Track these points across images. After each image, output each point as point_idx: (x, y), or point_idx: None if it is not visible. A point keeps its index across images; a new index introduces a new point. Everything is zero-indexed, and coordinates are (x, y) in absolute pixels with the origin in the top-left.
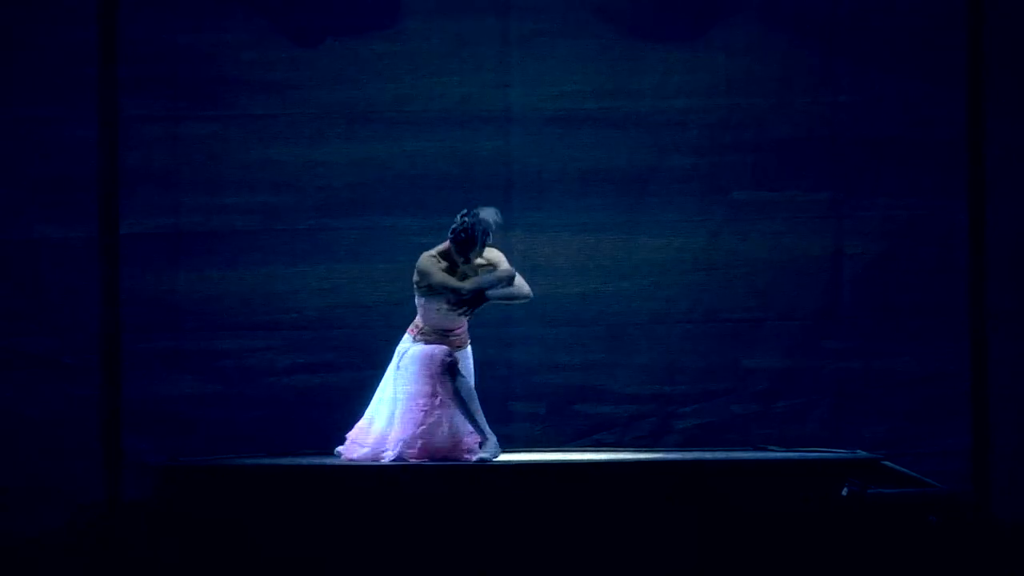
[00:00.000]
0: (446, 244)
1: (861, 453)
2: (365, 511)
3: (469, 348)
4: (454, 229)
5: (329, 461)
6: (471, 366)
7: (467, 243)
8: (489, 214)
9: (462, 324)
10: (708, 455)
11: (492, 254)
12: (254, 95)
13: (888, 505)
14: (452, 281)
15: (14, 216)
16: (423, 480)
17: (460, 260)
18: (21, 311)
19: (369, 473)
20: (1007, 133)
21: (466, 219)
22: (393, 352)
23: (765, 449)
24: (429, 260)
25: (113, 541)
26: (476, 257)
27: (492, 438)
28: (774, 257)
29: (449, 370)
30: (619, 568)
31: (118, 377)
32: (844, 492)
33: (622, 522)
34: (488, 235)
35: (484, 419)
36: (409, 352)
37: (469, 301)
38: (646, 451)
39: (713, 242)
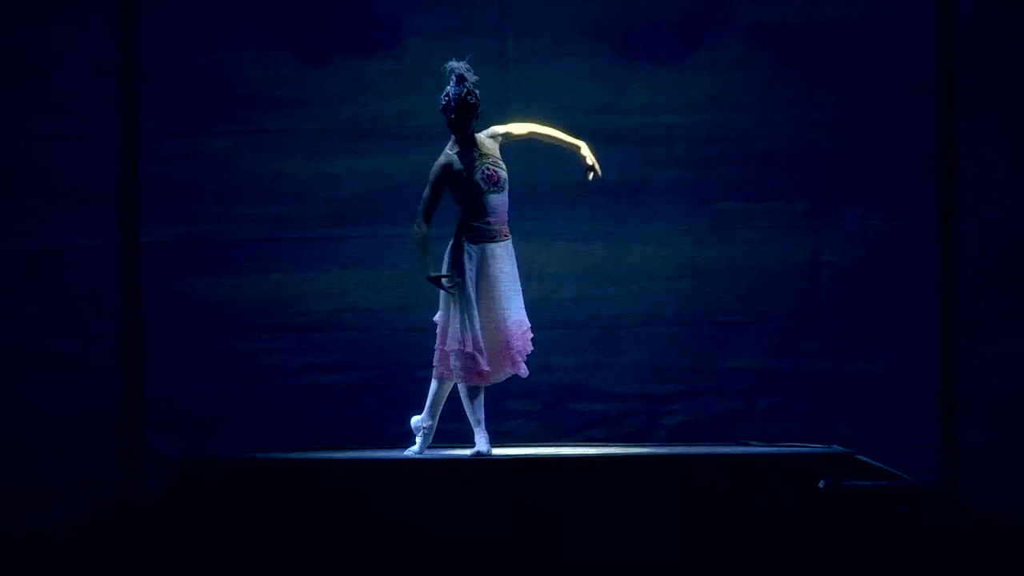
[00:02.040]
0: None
1: (837, 448)
2: (371, 503)
3: (510, 242)
4: (442, 107)
5: (339, 455)
6: (514, 269)
7: (447, 108)
8: (458, 65)
9: (498, 211)
10: (693, 450)
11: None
12: (266, 111)
13: (862, 496)
14: (427, 201)
15: (40, 225)
16: (428, 472)
17: (462, 140)
18: (46, 314)
19: (375, 466)
20: (975, 146)
21: (446, 87)
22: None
23: (747, 444)
24: (437, 164)
25: (133, 532)
26: (473, 118)
27: (484, 437)
28: (755, 264)
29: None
30: (608, 555)
31: (139, 377)
32: (821, 484)
33: (611, 513)
34: (471, 93)
35: (483, 418)
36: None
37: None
38: (635, 446)
39: (698, 250)
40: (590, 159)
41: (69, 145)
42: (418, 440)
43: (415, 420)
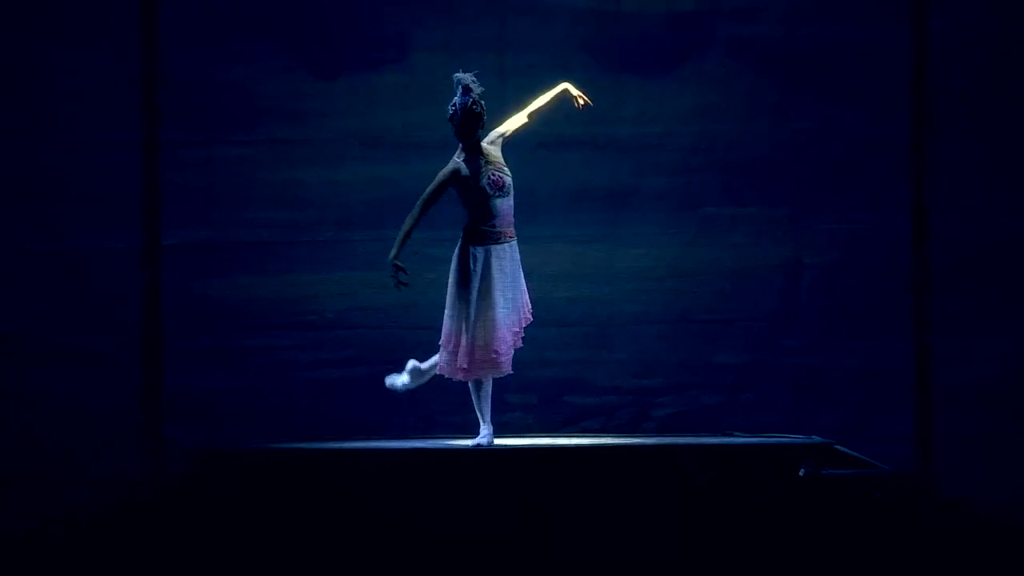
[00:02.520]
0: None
1: (816, 438)
2: (378, 491)
3: (515, 244)
4: (450, 116)
5: (348, 445)
6: (517, 270)
7: (453, 117)
8: (465, 76)
9: (502, 214)
10: (681, 440)
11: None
12: (280, 122)
13: (840, 484)
14: (427, 197)
15: (68, 229)
16: (430, 461)
17: (468, 148)
18: (73, 313)
19: (382, 456)
20: (944, 155)
21: (454, 98)
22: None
23: (731, 435)
24: (446, 169)
25: (154, 519)
26: (477, 129)
27: (488, 429)
28: (739, 265)
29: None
30: (601, 538)
31: (159, 371)
32: (801, 473)
33: (604, 500)
34: (476, 103)
35: (489, 411)
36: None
37: (496, 180)
38: (626, 437)
39: (686, 252)
40: (580, 96)
41: (95, 154)
42: (406, 377)
43: (412, 363)
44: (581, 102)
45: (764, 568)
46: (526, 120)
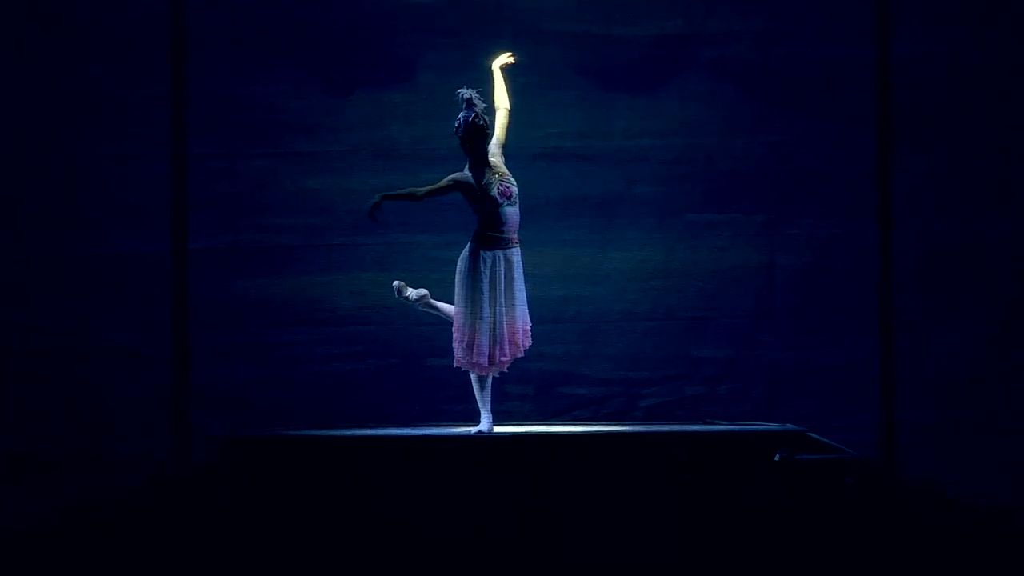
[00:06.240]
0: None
1: (790, 426)
2: (386, 473)
3: (519, 249)
4: (455, 130)
5: (358, 432)
6: (520, 274)
7: (458, 131)
8: (468, 92)
9: (510, 221)
10: (666, 428)
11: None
12: (297, 136)
13: (812, 468)
14: (432, 187)
15: (102, 234)
16: (434, 447)
17: (476, 161)
18: (107, 311)
19: (390, 442)
20: (907, 166)
21: (459, 114)
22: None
23: (712, 423)
24: (459, 174)
25: (182, 502)
26: (482, 142)
27: (488, 418)
28: (719, 267)
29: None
30: (588, 517)
31: (187, 365)
32: (776, 458)
33: (593, 483)
34: (479, 116)
35: (489, 401)
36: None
37: (491, 196)
38: (615, 425)
39: (670, 255)
40: (507, 59)
41: (126, 165)
42: (415, 295)
43: (428, 295)
44: (512, 60)
45: (743, 538)
46: (504, 121)
